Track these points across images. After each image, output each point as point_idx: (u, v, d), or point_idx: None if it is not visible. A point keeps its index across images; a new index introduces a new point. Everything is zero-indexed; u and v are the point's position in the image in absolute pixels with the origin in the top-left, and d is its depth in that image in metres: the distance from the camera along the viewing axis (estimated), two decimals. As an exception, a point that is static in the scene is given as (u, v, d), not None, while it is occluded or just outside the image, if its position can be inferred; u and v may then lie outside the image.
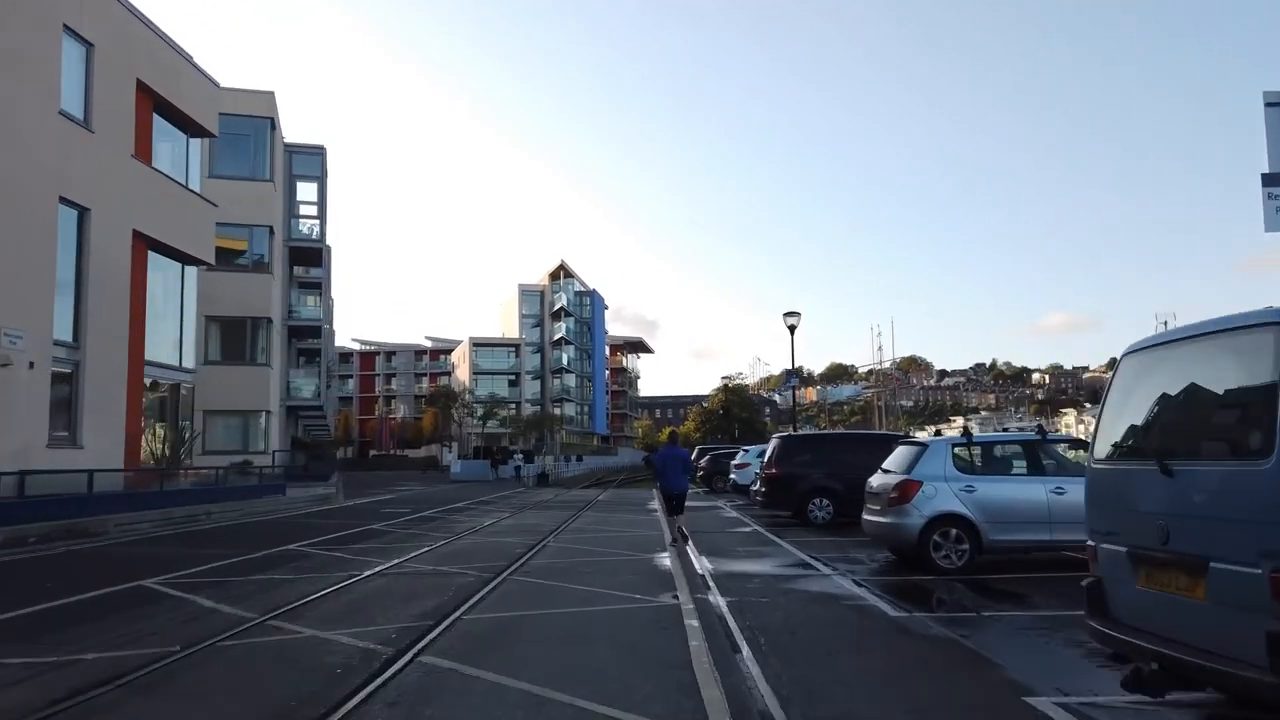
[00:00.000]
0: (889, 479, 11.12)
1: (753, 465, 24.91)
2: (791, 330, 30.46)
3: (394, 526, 17.65)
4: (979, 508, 10.37)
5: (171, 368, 21.18)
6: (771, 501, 17.97)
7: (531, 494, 33.29)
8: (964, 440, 10.92)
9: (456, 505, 24.72)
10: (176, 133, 21.23)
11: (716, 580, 10.01)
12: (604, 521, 18.98)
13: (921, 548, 10.42)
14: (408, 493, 33.49)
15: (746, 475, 24.88)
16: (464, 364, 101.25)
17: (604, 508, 24.03)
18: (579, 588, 9.34)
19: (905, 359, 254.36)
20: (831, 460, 17.48)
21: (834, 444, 18.76)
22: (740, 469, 25.32)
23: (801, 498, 17.19)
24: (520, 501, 27.33)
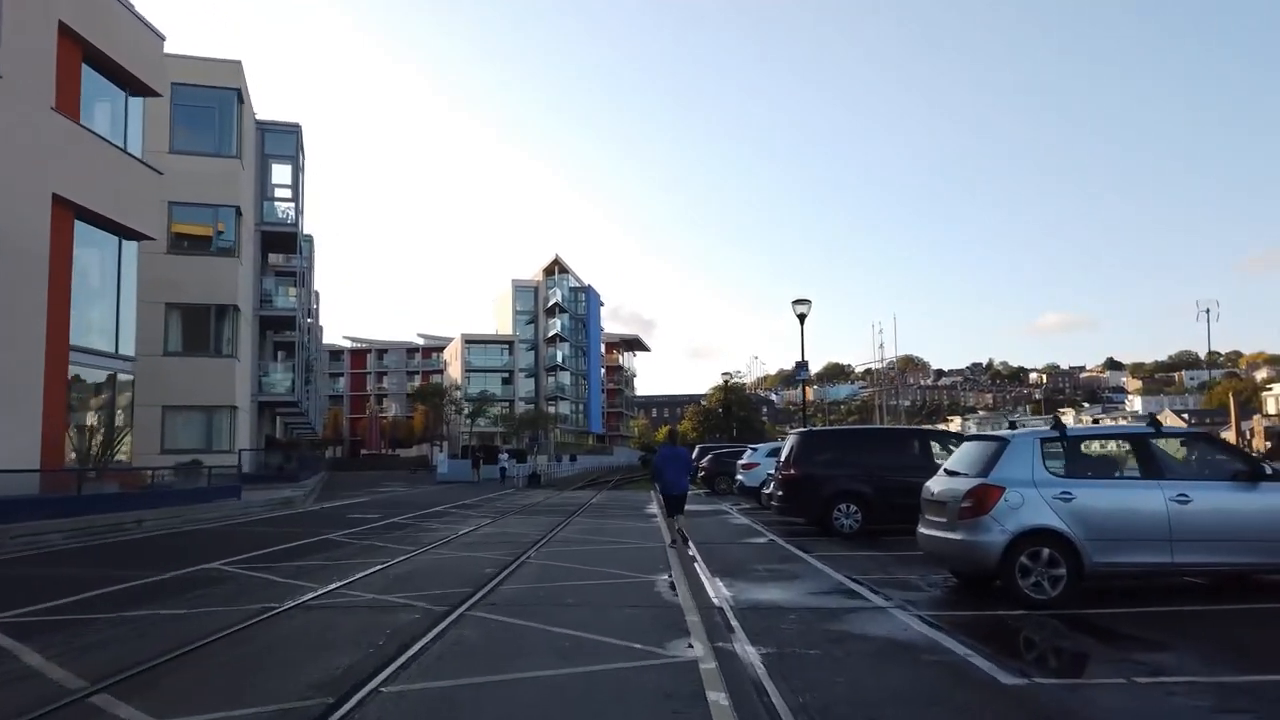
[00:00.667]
0: (956, 483, 8.73)
1: (762, 465, 22.53)
2: (801, 319, 28.11)
3: (353, 536, 15.23)
4: (1079, 521, 7.99)
5: (105, 355, 18.73)
6: (789, 507, 15.57)
7: (520, 496, 30.86)
8: (1056, 434, 8.50)
9: (434, 510, 22.31)
10: (114, 89, 18.77)
11: (740, 615, 7.62)
12: (597, 530, 16.58)
13: (1004, 572, 8.04)
14: (386, 495, 31.05)
15: (755, 476, 22.51)
16: (456, 361, 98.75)
17: (597, 512, 21.64)
18: (558, 631, 6.94)
19: (902, 358, 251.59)
20: (859, 460, 15.09)
21: (863, 441, 16.29)
22: (748, 469, 22.95)
23: (825, 503, 14.80)
24: (506, 505, 24.92)
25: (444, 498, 28.46)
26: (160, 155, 28.68)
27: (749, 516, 19.65)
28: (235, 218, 29.89)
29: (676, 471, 13.98)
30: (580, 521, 18.63)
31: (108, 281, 19.02)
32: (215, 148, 29.53)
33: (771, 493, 17.46)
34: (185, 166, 29.01)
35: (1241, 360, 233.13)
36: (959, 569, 8.99)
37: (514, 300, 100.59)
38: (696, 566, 11.01)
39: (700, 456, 34.97)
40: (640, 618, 7.57)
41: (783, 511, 15.78)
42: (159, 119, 28.84)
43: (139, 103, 19.80)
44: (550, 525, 17.37)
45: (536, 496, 30.40)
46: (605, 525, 17.69)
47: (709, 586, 9.33)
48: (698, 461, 34.78)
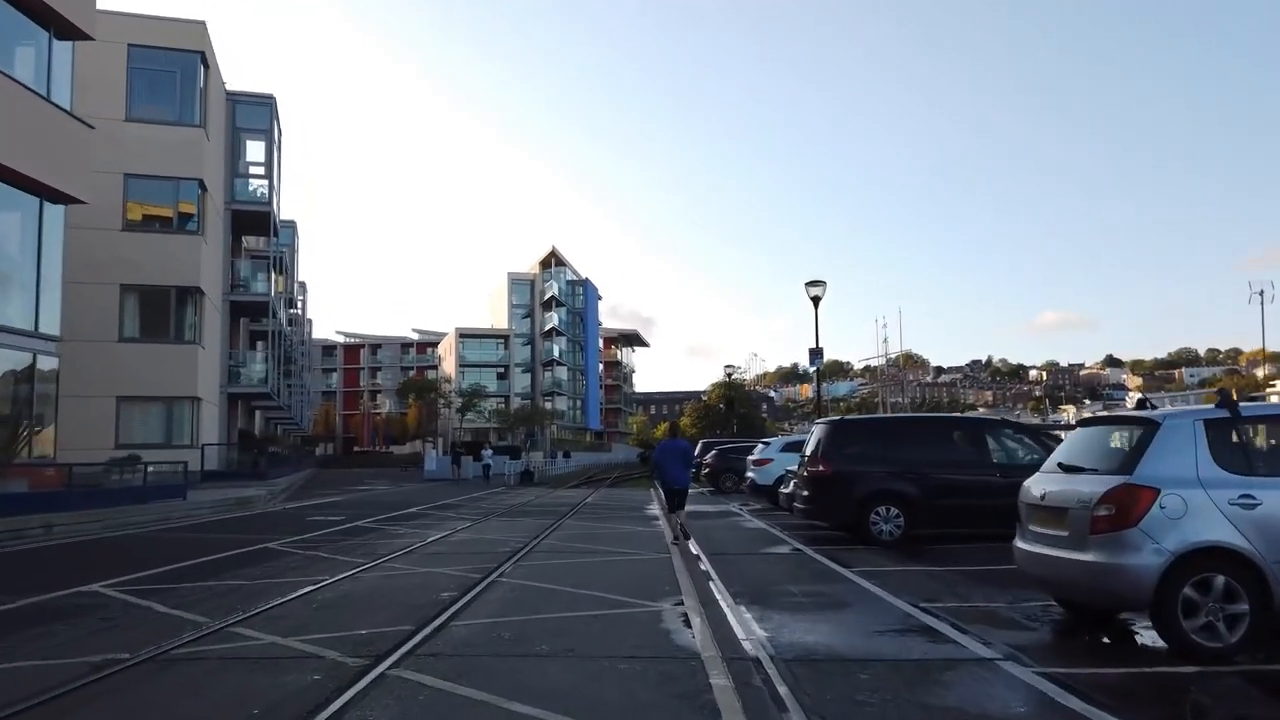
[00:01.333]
0: (1080, 484, 6.31)
1: (777, 461, 20.16)
2: (816, 302, 25.69)
3: (300, 545, 12.83)
4: (1268, 537, 5.61)
5: (22, 334, 16.27)
6: (817, 509, 13.11)
7: (509, 495, 28.46)
8: (1226, 414, 6.06)
9: (408, 511, 19.90)
10: (33, 29, 16.32)
11: (788, 675, 5.22)
12: (589, 536, 14.17)
13: (1161, 609, 5.65)
14: (363, 494, 28.64)
15: (768, 474, 20.12)
16: (450, 356, 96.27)
17: (592, 514, 19.25)
18: (517, 712, 4.53)
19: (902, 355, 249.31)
20: (900, 454, 12.66)
21: (904, 432, 13.78)
22: (760, 466, 20.55)
23: (860, 505, 12.39)
24: (491, 505, 22.52)
25: (425, 497, 26.06)
26: (115, 123, 26.34)
27: (763, 519, 17.26)
28: (199, 192, 27.44)
29: (678, 466, 13.41)
30: (571, 525, 16.23)
31: (26, 251, 16.57)
32: (176, 115, 27.07)
33: (793, 493, 15.03)
34: (143, 135, 26.61)
35: (1241, 357, 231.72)
36: (1084, 600, 6.57)
37: (510, 293, 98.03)
38: (712, 587, 8.63)
39: (704, 452, 32.59)
40: (643, 681, 5.16)
41: (808, 515, 13.33)
42: (114, 84, 26.46)
43: (67, 48, 17.34)
44: (535, 530, 14.97)
45: (527, 495, 28.00)
46: (599, 530, 15.29)
47: (734, 620, 6.93)
48: (701, 457, 32.43)
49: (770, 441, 21.06)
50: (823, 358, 25.86)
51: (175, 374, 26.34)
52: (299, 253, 51.14)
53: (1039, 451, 12.60)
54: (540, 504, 23.28)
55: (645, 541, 13.29)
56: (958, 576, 9.32)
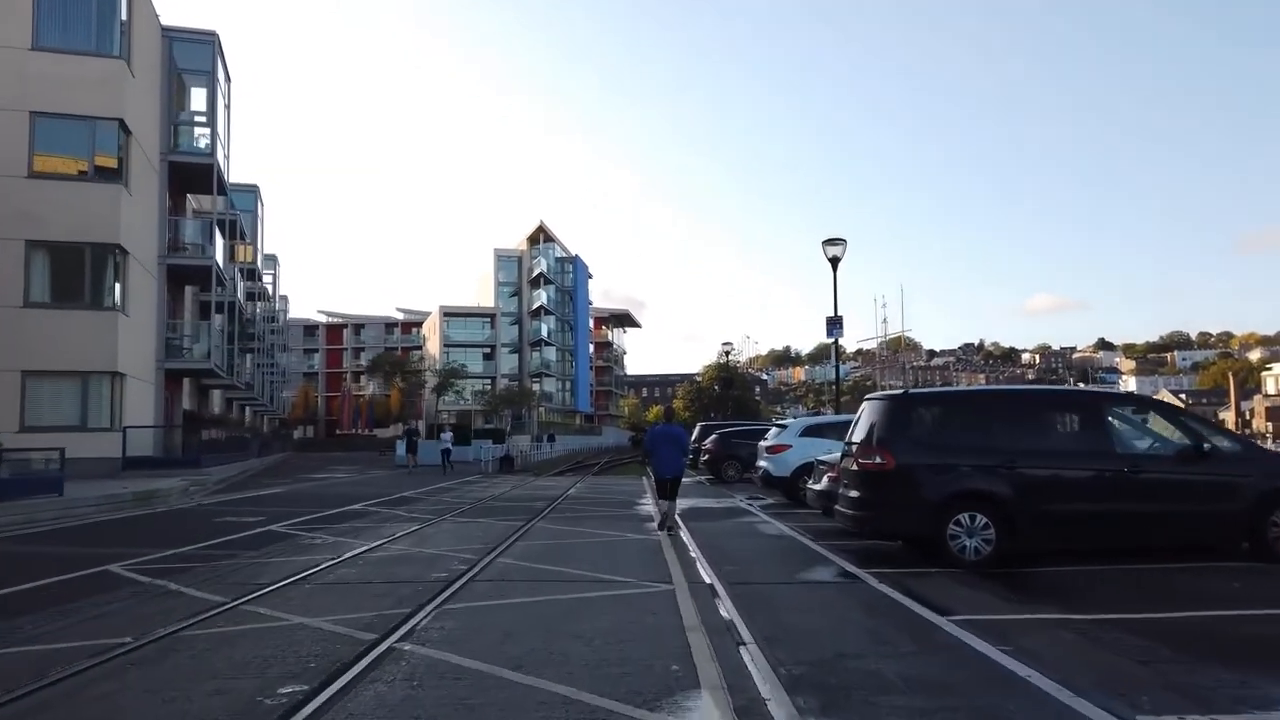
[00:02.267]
0: None
1: (795, 449, 16.69)
2: (834, 263, 22.23)
3: (152, 567, 9.29)
4: None
5: None
6: (876, 515, 9.44)
7: (481, 486, 24.95)
8: None
9: (349, 509, 16.37)
10: None
11: None
12: (560, 555, 10.64)
13: None
14: (312, 485, 25.11)
15: (785, 463, 16.66)
16: (435, 336, 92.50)
17: (571, 512, 15.77)
18: None
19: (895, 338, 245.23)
20: (990, 440, 9.16)
21: (995, 409, 10.09)
22: (775, 454, 17.04)
23: (936, 512, 8.90)
24: (454, 500, 19.02)
25: (382, 488, 22.54)
26: (18, 52, 22.57)
27: (784, 521, 13.79)
28: (121, 136, 23.65)
29: (672, 452, 12.65)
30: (541, 531, 12.74)
31: None
32: (91, 44, 23.22)
33: (827, 490, 11.59)
34: (53, 68, 22.78)
35: (1233, 341, 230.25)
36: None
37: (496, 271, 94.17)
38: (748, 660, 5.17)
39: (702, 437, 29.16)
40: None
41: (860, 523, 9.75)
42: (18, 7, 22.63)
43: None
44: (492, 540, 11.47)
45: (501, 486, 24.49)
46: (577, 540, 11.77)
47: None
48: (699, 442, 29.00)
49: (787, 423, 17.56)
50: (842, 328, 22.41)
51: (91, 345, 22.64)
52: (263, 221, 47.17)
53: (1188, 437, 9.16)
54: (513, 498, 19.78)
55: (637, 559, 9.80)
56: (1140, 638, 5.86)
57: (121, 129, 23.61)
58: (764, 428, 30.79)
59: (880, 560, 9.38)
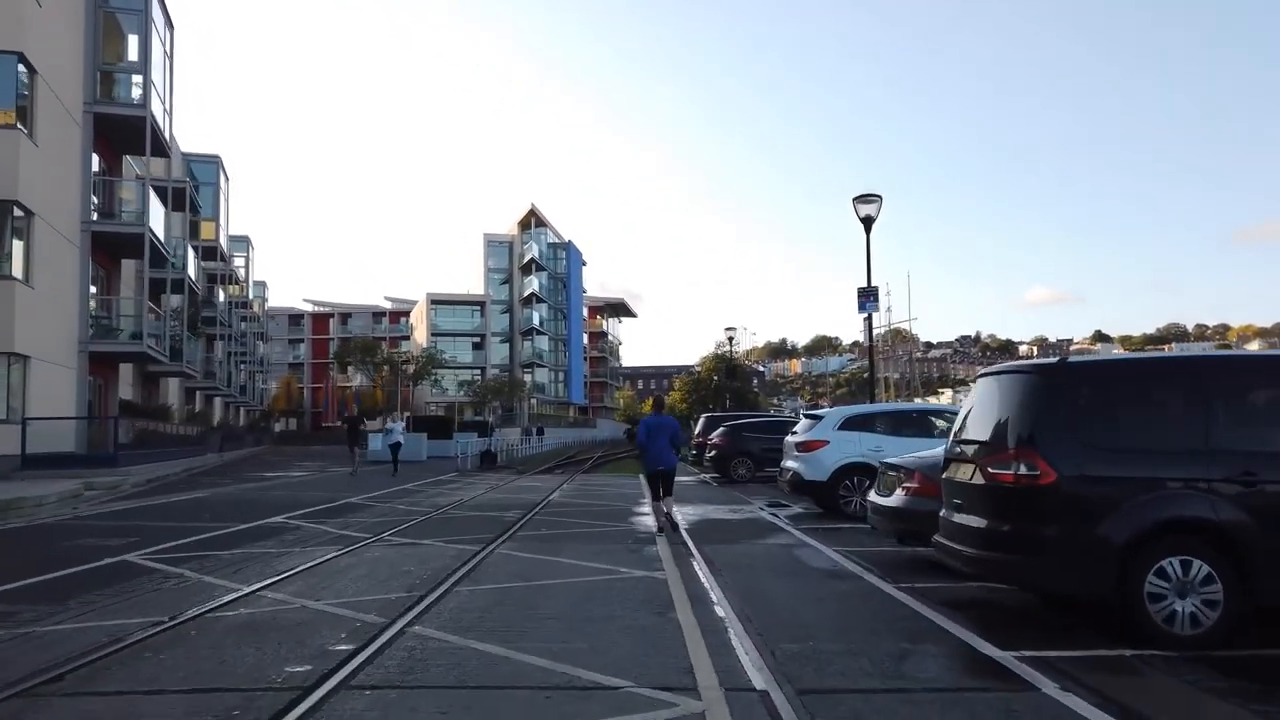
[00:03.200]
0: None
1: (834, 445, 13.15)
2: (868, 225, 18.71)
3: None
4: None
5: None
6: (1029, 565, 5.67)
7: (452, 488, 21.41)
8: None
9: (267, 522, 12.80)
10: None
11: None
12: (514, 612, 7.04)
13: None
14: (257, 487, 21.55)
15: (821, 464, 13.12)
16: (422, 325, 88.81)
17: (550, 529, 12.24)
18: None
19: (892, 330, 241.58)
20: (1213, 439, 5.62)
21: (1220, 387, 6.31)
22: (807, 452, 13.46)
23: (1128, 556, 5.40)
24: (409, 507, 15.47)
25: (330, 492, 18.99)
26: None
27: (829, 542, 10.28)
28: (22, 74, 20.00)
29: (665, 446, 11.50)
30: (502, 563, 9.19)
31: None
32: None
33: (912, 511, 8.10)
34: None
35: (1230, 333, 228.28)
36: None
37: (486, 257, 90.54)
38: None
39: (707, 429, 25.71)
40: None
41: (1000, 569, 6.00)
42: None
43: None
44: (429, 580, 7.92)
45: (474, 489, 20.94)
46: (548, 580, 8.17)
47: None
48: (704, 436, 25.58)
49: (822, 413, 13.93)
50: (877, 300, 18.87)
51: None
52: (227, 197, 43.43)
53: None
54: (481, 505, 16.23)
55: (634, 624, 6.24)
56: None
57: (23, 65, 19.94)
58: (780, 419, 27.30)
59: (1020, 626, 5.90)
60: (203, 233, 41.20)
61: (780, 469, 14.35)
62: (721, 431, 23.19)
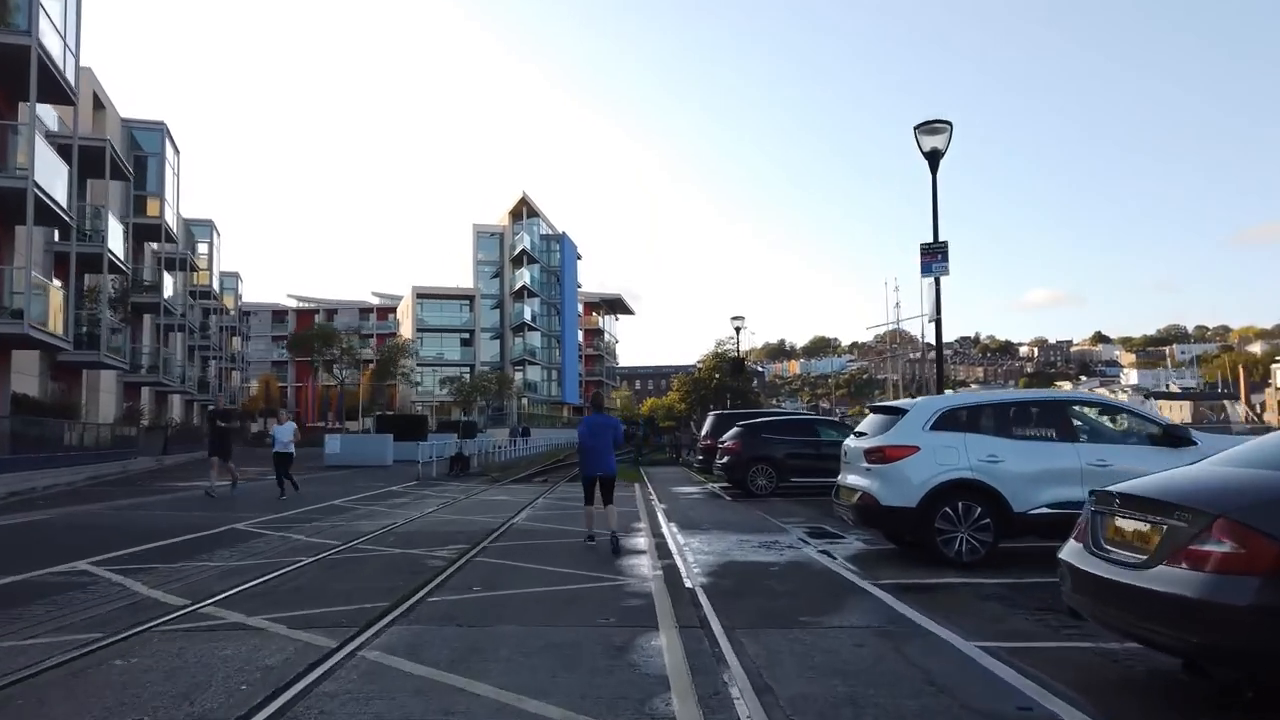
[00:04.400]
0: None
1: (925, 452, 8.56)
2: (933, 161, 14.26)
3: None
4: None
5: None
6: None
7: (398, 503, 16.90)
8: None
9: (65, 570, 8.28)
10: None
11: None
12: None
13: None
14: (145, 502, 17.02)
15: (904, 482, 8.53)
16: (408, 320, 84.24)
17: (492, 582, 7.77)
18: None
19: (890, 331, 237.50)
20: None
21: None
22: (882, 463, 8.83)
23: None
24: (310, 537, 10.95)
25: (231, 512, 14.48)
26: None
27: (965, 629, 5.73)
28: None
29: (607, 448, 10.25)
30: (365, 678, 4.67)
31: None
32: None
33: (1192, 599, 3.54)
34: None
35: (1231, 334, 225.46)
36: None
37: (475, 248, 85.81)
38: None
39: (716, 430, 21.28)
40: None
41: None
42: None
43: None
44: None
45: (426, 505, 16.42)
46: None
47: None
48: (712, 438, 21.16)
49: (901, 406, 9.24)
50: (946, 259, 14.36)
51: None
52: (176, 169, 38.84)
53: None
54: (416, 533, 11.71)
55: None
56: None
57: None
58: (805, 418, 22.68)
59: None
60: (149, 209, 36.75)
61: (837, 487, 9.82)
62: (736, 433, 18.69)
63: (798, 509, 14.71)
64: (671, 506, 15.64)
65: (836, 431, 19.31)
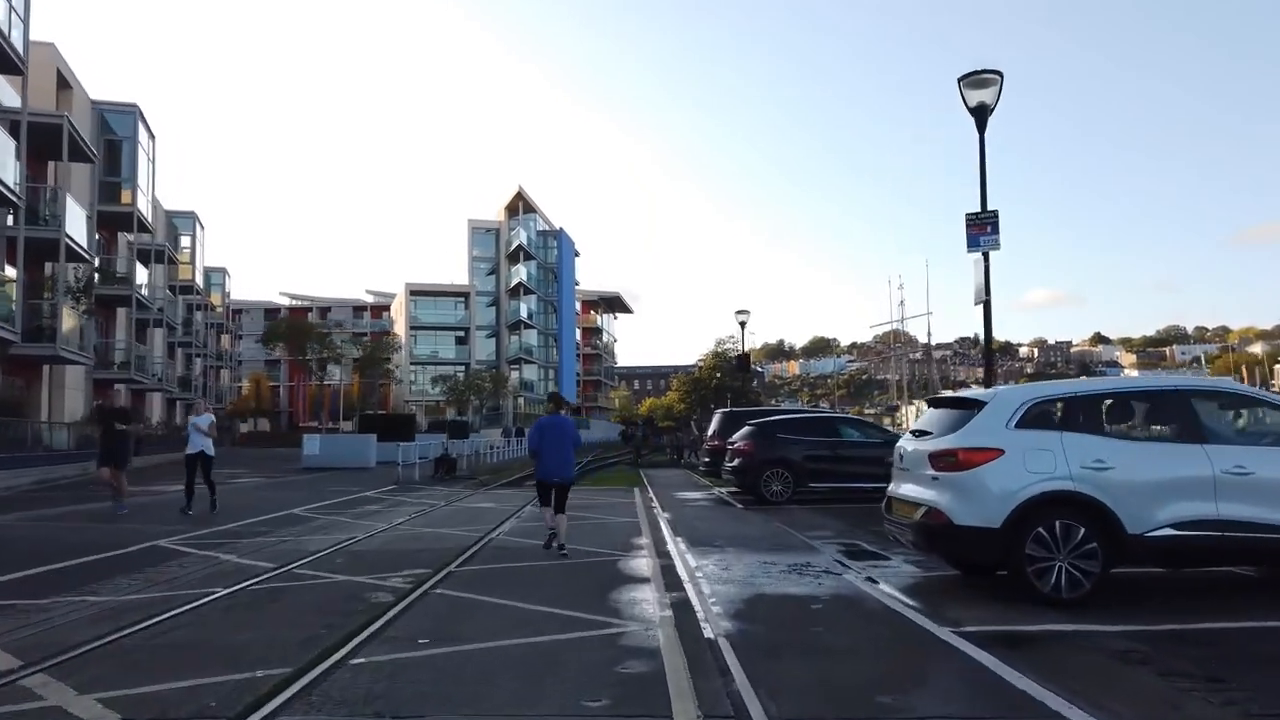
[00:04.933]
0: None
1: (1009, 457, 6.56)
2: (980, 118, 12.37)
3: None
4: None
5: None
6: None
7: (366, 511, 14.93)
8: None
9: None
10: None
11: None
12: None
13: None
14: (70, 511, 14.95)
15: (985, 495, 6.51)
16: (401, 318, 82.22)
17: (445, 633, 5.84)
18: None
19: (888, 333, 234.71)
20: None
21: None
22: (954, 470, 6.80)
23: None
24: (242, 558, 8.99)
25: (162, 526, 12.52)
26: None
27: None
28: None
29: (563, 450, 9.54)
30: None
31: None
32: None
33: None
34: None
35: (1231, 335, 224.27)
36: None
37: (470, 245, 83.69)
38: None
39: (725, 430, 19.39)
40: None
41: None
42: None
43: None
44: None
45: (396, 515, 14.45)
46: None
47: None
48: (720, 439, 19.29)
49: (976, 398, 7.19)
50: (996, 231, 12.41)
51: None
52: (151, 155, 36.84)
53: None
54: (374, 552, 9.76)
55: None
56: None
57: None
58: (825, 416, 20.55)
59: None
60: (123, 198, 34.73)
61: (888, 500, 7.86)
62: (748, 433, 16.71)
63: (822, 520, 12.78)
64: (677, 516, 13.72)
65: (859, 431, 17.39)
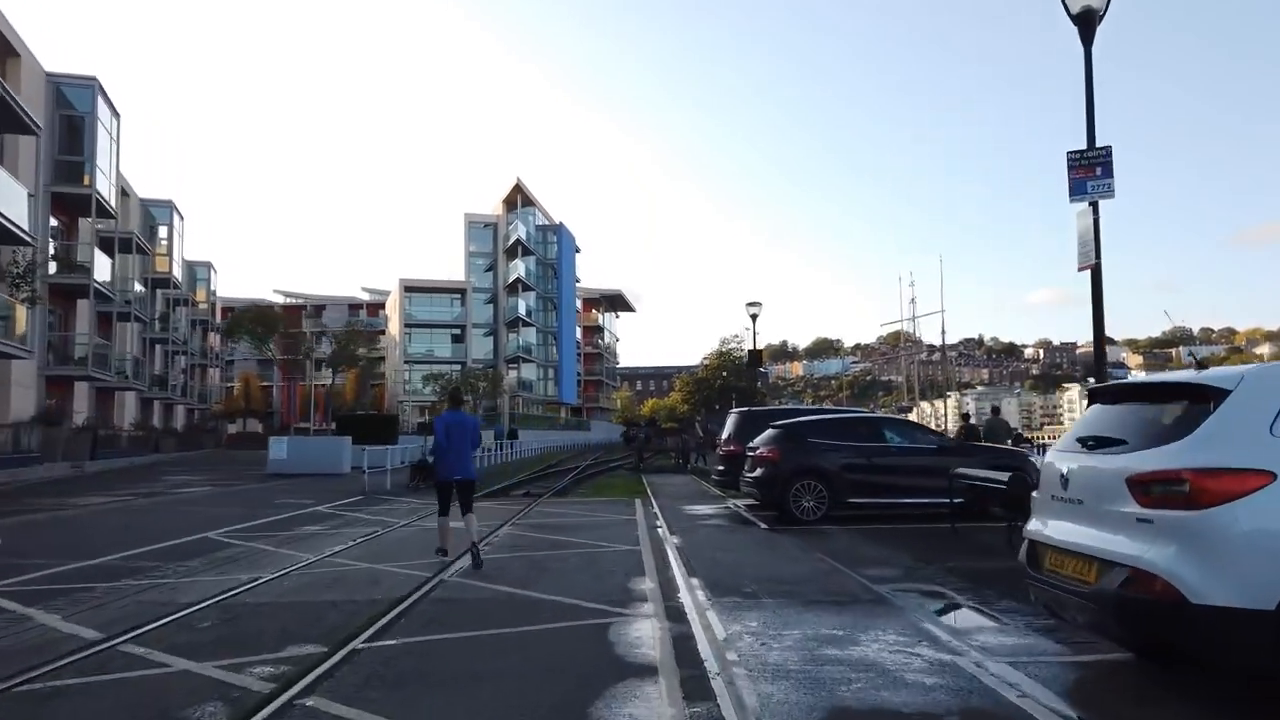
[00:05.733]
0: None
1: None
2: (1085, 25, 9.60)
3: None
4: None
5: None
6: None
7: (310, 530, 12.09)
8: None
9: None
10: None
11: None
12: None
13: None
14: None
15: (1246, 558, 3.78)
16: (396, 315, 79.40)
17: None
18: None
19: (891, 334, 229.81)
20: None
21: None
22: (1184, 508, 4.03)
23: None
24: (100, 610, 6.15)
25: (46, 558, 9.65)
26: None
27: None
28: None
29: (465, 448, 9.23)
30: None
31: None
32: None
33: None
34: None
35: (1237, 336, 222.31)
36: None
37: (467, 239, 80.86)
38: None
39: (743, 433, 16.51)
40: None
41: None
42: None
43: None
44: None
45: (334, 540, 11.59)
46: None
47: None
48: (737, 443, 16.39)
49: (1206, 383, 4.22)
50: (1109, 175, 9.54)
51: None
52: (115, 135, 34.07)
53: None
54: (254, 611, 6.90)
55: None
56: None
57: None
58: (862, 416, 17.59)
59: None
60: (84, 180, 31.96)
61: (1032, 547, 4.96)
62: (772, 437, 13.81)
63: (874, 549, 9.93)
64: (688, 542, 10.88)
65: (906, 434, 14.49)
